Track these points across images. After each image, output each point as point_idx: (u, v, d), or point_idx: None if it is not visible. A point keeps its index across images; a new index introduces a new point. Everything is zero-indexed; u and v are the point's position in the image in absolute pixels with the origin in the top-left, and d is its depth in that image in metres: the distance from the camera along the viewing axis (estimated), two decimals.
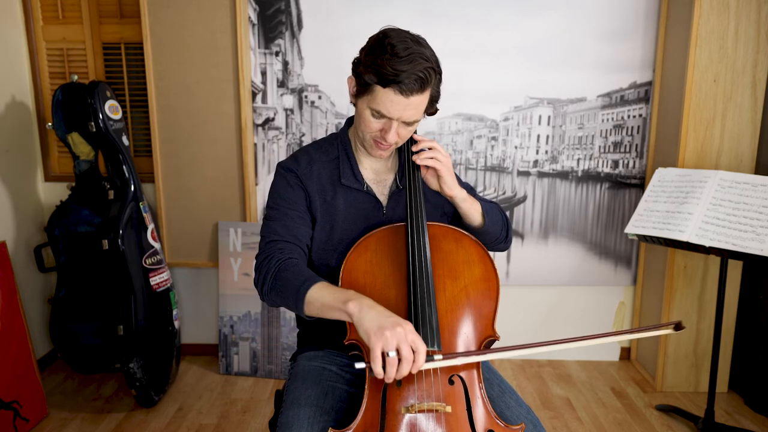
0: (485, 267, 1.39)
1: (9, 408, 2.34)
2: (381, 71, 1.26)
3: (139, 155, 3.04)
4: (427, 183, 1.43)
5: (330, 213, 1.46)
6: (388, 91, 1.28)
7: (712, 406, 2.38)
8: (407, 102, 1.29)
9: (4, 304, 2.39)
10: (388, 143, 1.38)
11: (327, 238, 1.46)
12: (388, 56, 1.26)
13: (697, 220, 2.25)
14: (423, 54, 1.29)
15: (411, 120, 1.34)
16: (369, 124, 1.36)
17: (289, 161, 1.49)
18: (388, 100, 1.29)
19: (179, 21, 2.75)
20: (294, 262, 1.34)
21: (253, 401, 2.71)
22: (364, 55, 1.33)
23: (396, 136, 1.36)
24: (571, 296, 3.09)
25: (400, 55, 1.26)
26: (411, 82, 1.27)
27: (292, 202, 1.44)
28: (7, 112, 2.78)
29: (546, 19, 2.78)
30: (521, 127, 2.91)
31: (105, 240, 2.49)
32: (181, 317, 3.10)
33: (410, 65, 1.26)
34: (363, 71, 1.31)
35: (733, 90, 2.57)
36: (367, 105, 1.34)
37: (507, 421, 1.33)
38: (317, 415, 1.30)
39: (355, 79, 1.37)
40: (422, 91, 1.30)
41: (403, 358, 1.11)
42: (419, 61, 1.27)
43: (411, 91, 1.28)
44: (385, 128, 1.35)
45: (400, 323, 1.13)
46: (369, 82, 1.30)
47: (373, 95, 1.31)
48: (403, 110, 1.31)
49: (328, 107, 2.87)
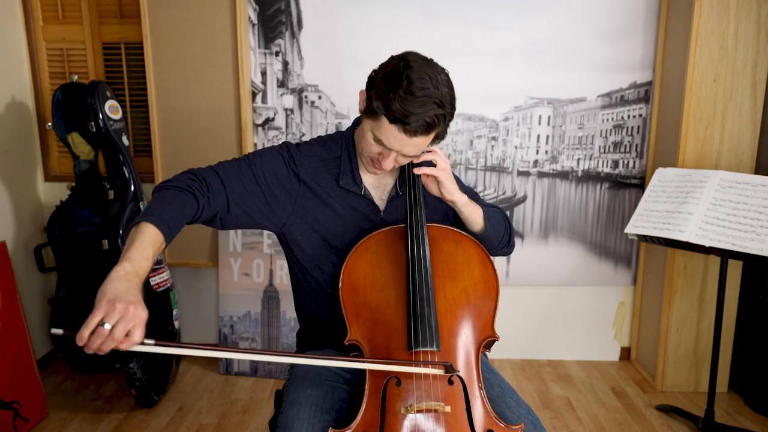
0: (485, 268, 1.39)
1: (9, 408, 2.35)
2: (390, 106, 1.24)
3: (139, 155, 3.04)
4: (428, 188, 1.43)
5: (322, 211, 1.45)
6: (392, 127, 1.27)
7: (712, 406, 2.38)
8: (409, 141, 1.29)
9: (4, 304, 2.39)
10: (383, 167, 1.37)
11: (319, 240, 1.45)
12: (402, 92, 1.23)
13: (697, 220, 2.25)
14: (437, 98, 1.26)
15: (410, 155, 1.34)
16: (369, 146, 1.35)
17: (291, 145, 1.49)
18: (391, 135, 1.29)
19: (179, 21, 2.75)
20: (169, 193, 1.29)
21: (253, 401, 2.71)
22: (380, 79, 1.29)
23: (392, 164, 1.36)
24: (571, 296, 3.09)
25: (415, 94, 1.23)
26: (418, 125, 1.26)
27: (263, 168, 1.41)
28: (7, 112, 2.78)
29: (546, 19, 2.78)
30: (521, 127, 2.91)
31: (105, 240, 2.49)
32: (181, 317, 3.10)
33: (421, 109, 1.24)
34: (374, 96, 1.28)
35: (733, 90, 2.57)
36: (371, 129, 1.32)
37: (507, 421, 1.33)
38: (317, 415, 1.30)
39: (366, 97, 1.34)
40: (427, 134, 1.29)
41: (114, 335, 1.02)
42: (431, 106, 1.25)
43: (415, 133, 1.27)
44: (383, 155, 1.35)
45: (138, 307, 1.05)
46: (377, 110, 1.28)
47: (378, 123, 1.29)
48: (404, 146, 1.30)
49: (328, 107, 2.87)
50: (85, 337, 1.01)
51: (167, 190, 1.30)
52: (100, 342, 1.02)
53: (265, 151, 1.46)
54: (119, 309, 1.02)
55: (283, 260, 2.86)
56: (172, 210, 1.25)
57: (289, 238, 1.46)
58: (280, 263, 2.86)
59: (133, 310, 1.04)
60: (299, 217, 1.44)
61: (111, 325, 1.02)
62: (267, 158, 1.44)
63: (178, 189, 1.29)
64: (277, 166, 1.44)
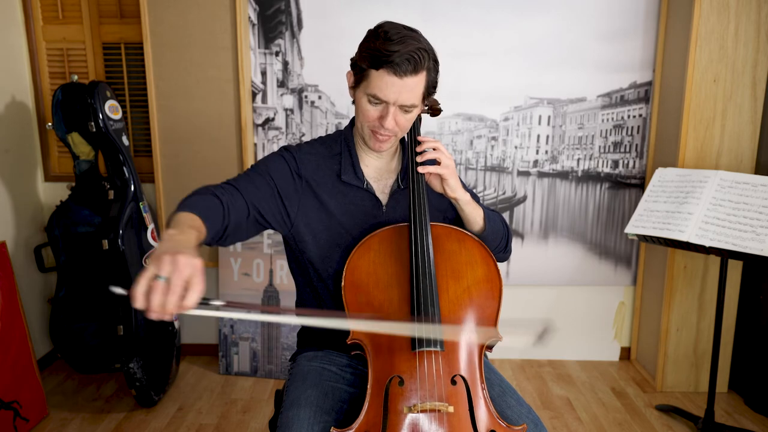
0: (488, 268, 1.39)
1: (9, 408, 2.34)
2: (373, 54, 1.29)
3: (139, 155, 3.04)
4: (431, 185, 1.43)
5: (325, 208, 1.45)
6: (381, 73, 1.30)
7: (712, 406, 2.38)
8: (402, 83, 1.30)
9: (4, 304, 2.38)
10: (386, 131, 1.37)
11: (324, 237, 1.45)
12: (381, 41, 1.29)
13: (697, 220, 2.25)
14: (415, 38, 1.31)
15: (407, 103, 1.33)
16: (367, 112, 1.36)
17: (291, 146, 1.51)
18: (382, 82, 1.30)
19: (179, 21, 2.75)
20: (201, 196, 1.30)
21: (253, 401, 2.71)
22: (359, 47, 1.37)
23: (393, 122, 1.35)
24: (571, 296, 3.09)
25: (392, 38, 1.29)
26: (403, 62, 1.28)
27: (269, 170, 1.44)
28: (7, 112, 2.78)
29: (546, 19, 2.78)
30: (521, 127, 2.91)
31: (105, 240, 2.49)
32: (181, 317, 3.10)
33: (401, 45, 1.28)
34: (358, 58, 1.35)
35: (733, 90, 2.57)
36: (363, 92, 1.35)
37: (508, 421, 1.33)
38: (317, 416, 1.30)
39: (352, 72, 1.40)
40: (416, 73, 1.30)
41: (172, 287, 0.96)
42: (411, 43, 1.29)
43: (405, 72, 1.29)
44: (383, 114, 1.35)
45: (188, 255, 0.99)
46: (363, 68, 1.32)
47: (368, 80, 1.33)
48: (399, 93, 1.31)
49: (328, 107, 2.87)
50: (139, 295, 0.95)
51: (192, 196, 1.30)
52: (161, 297, 0.95)
53: (267, 158, 1.49)
54: (168, 260, 0.97)
55: (283, 260, 2.86)
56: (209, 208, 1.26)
57: (297, 237, 1.46)
58: (280, 263, 2.86)
59: (184, 258, 0.98)
60: (305, 215, 1.45)
61: (166, 277, 0.96)
62: (271, 162, 1.46)
63: (201, 195, 1.31)
64: (281, 167, 1.45)
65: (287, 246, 1.54)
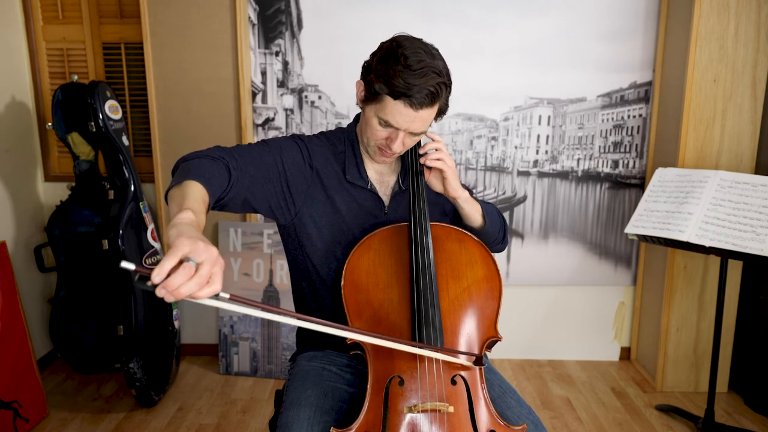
0: (488, 268, 1.40)
1: (9, 408, 2.34)
2: (392, 83, 1.26)
3: (139, 155, 3.04)
4: (430, 185, 1.44)
5: (332, 203, 1.45)
6: (398, 104, 1.28)
7: (712, 406, 2.38)
8: (416, 115, 1.29)
9: (4, 304, 2.38)
10: (392, 152, 1.38)
11: (327, 233, 1.45)
12: (401, 68, 1.25)
13: (697, 220, 2.25)
14: (435, 68, 1.27)
15: (418, 131, 1.34)
16: (375, 132, 1.36)
17: (303, 135, 1.50)
18: (397, 112, 1.29)
19: (179, 21, 2.75)
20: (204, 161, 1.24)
21: (253, 401, 2.71)
22: (376, 62, 1.31)
23: (401, 145, 1.36)
24: (571, 296, 3.09)
25: (413, 68, 1.25)
26: (422, 96, 1.26)
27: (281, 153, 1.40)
28: (7, 112, 2.78)
29: (546, 20, 2.78)
30: (521, 127, 2.91)
31: (105, 240, 2.49)
32: (181, 317, 3.10)
33: (422, 79, 1.25)
34: (374, 79, 1.30)
35: (733, 90, 2.57)
36: (375, 113, 1.33)
37: (508, 422, 1.33)
38: (317, 416, 1.30)
39: (364, 85, 1.35)
40: (432, 105, 1.30)
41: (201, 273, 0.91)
42: (431, 76, 1.26)
43: (421, 105, 1.28)
44: (392, 137, 1.35)
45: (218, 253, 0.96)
46: (379, 92, 1.29)
47: (382, 105, 1.30)
48: (411, 122, 1.31)
49: (328, 107, 2.87)
50: (167, 270, 0.88)
51: (201, 158, 1.25)
52: (185, 279, 0.89)
53: (280, 139, 1.45)
54: (203, 247, 0.92)
55: (283, 260, 2.86)
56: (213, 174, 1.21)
57: (300, 228, 1.45)
58: (280, 263, 2.86)
59: (216, 253, 0.94)
60: (312, 207, 1.44)
61: (198, 262, 0.91)
62: (284, 146, 1.43)
63: (210, 158, 1.26)
64: (295, 153, 1.43)
65: (285, 236, 1.51)
